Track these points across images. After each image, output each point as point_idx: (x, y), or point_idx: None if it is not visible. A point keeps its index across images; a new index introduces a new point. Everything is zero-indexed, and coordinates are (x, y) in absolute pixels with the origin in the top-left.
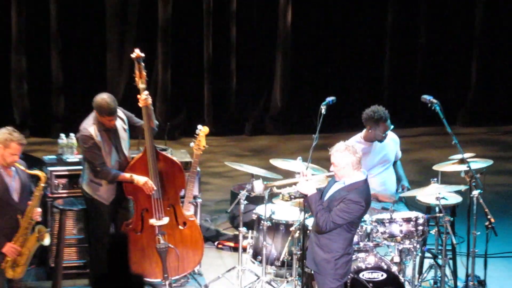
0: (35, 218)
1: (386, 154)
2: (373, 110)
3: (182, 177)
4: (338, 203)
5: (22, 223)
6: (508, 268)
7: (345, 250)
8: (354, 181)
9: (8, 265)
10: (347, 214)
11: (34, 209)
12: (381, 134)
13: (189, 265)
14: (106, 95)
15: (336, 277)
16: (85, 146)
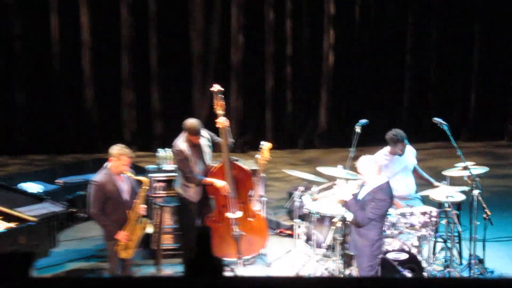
0: (140, 213)
1: (406, 164)
2: (393, 133)
3: (251, 181)
4: (369, 203)
5: (131, 217)
6: (502, 249)
7: (379, 236)
8: (379, 184)
9: (121, 248)
10: (378, 210)
11: (140, 206)
12: (399, 151)
13: (257, 248)
14: (193, 119)
15: (372, 257)
16: (178, 158)
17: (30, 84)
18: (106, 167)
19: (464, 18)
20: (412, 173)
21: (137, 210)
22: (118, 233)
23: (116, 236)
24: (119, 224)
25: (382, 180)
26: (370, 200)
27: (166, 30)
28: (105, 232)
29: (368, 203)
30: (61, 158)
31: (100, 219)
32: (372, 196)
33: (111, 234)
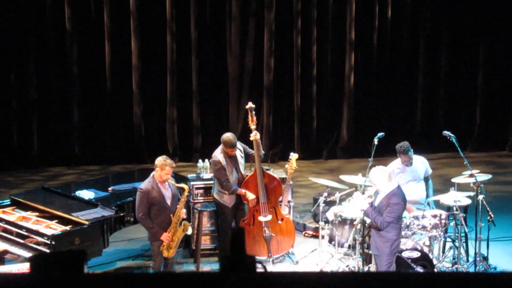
0: (182, 216)
1: (416, 173)
2: (398, 146)
3: (280, 188)
4: (385, 208)
5: (173, 220)
6: (504, 248)
7: (397, 236)
8: (391, 189)
9: (164, 248)
10: (394, 213)
11: (181, 210)
12: (405, 161)
13: (285, 247)
14: (230, 134)
15: (391, 255)
16: (215, 168)
17: (85, 102)
18: (151, 176)
19: (470, 42)
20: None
21: (179, 214)
22: (162, 235)
23: (160, 237)
24: (162, 227)
25: (393, 186)
26: (385, 205)
27: (206, 54)
28: (150, 234)
29: (384, 208)
30: (112, 168)
31: (146, 222)
32: (387, 202)
33: (156, 236)
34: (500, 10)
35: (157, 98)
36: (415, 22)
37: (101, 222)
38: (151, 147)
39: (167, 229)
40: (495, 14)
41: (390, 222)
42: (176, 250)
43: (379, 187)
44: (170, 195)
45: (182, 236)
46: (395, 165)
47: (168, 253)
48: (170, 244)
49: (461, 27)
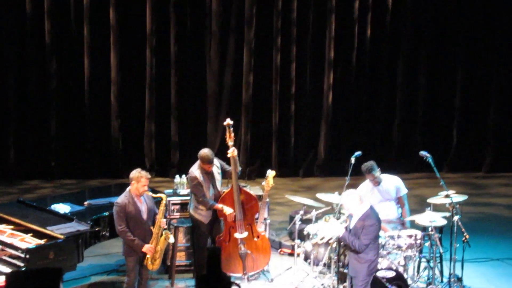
0: (162, 226)
1: (387, 193)
2: (363, 166)
3: (257, 205)
4: (361, 230)
5: (154, 231)
6: (478, 269)
7: (375, 257)
8: (364, 211)
9: (149, 261)
10: (370, 235)
11: (161, 220)
12: (371, 180)
13: (261, 265)
14: (207, 150)
15: (367, 275)
16: (192, 184)
17: (63, 116)
18: (127, 190)
19: (448, 62)
20: (398, 201)
21: (159, 224)
22: (143, 247)
23: (143, 250)
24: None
25: (365, 207)
26: (360, 228)
27: (185, 70)
28: (129, 248)
29: (360, 231)
30: (89, 183)
31: (127, 235)
32: (362, 224)
33: (137, 249)
34: (478, 32)
35: (135, 112)
36: (394, 41)
37: (76, 236)
38: (129, 161)
39: (145, 242)
40: (473, 35)
41: (368, 244)
42: (160, 261)
43: (351, 210)
44: (145, 209)
45: (165, 245)
46: (366, 185)
47: (153, 266)
48: (154, 255)
49: (440, 47)
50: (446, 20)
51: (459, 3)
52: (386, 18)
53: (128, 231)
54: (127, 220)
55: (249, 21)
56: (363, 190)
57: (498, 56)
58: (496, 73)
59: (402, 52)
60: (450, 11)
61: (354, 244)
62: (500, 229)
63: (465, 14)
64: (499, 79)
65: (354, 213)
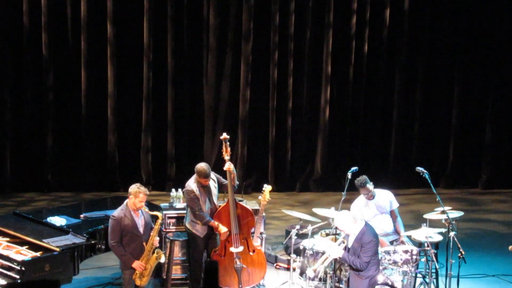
0: (155, 244)
1: (381, 206)
2: (356, 180)
3: (253, 219)
4: (360, 249)
5: (146, 248)
6: (473, 285)
7: (376, 272)
8: (359, 229)
9: (137, 276)
10: (370, 252)
11: (154, 238)
12: (365, 194)
13: (256, 279)
14: (204, 164)
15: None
16: (189, 197)
17: (59, 129)
18: (124, 204)
19: (446, 79)
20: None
21: (152, 242)
22: (134, 262)
23: (132, 265)
24: (134, 255)
25: (360, 225)
26: (358, 246)
27: (182, 84)
28: (122, 262)
29: (358, 250)
30: (85, 196)
31: (118, 250)
32: (359, 242)
33: (128, 264)
34: (475, 48)
35: (132, 126)
36: (391, 57)
37: (72, 249)
38: (125, 175)
39: (139, 257)
40: (470, 52)
41: (369, 261)
42: (148, 278)
43: (347, 231)
44: (142, 223)
45: (155, 264)
46: (360, 200)
47: (140, 282)
48: (143, 272)
49: (437, 64)
50: (444, 37)
51: (457, 19)
52: (383, 33)
53: (119, 245)
54: (122, 233)
55: (247, 36)
56: (358, 205)
57: (495, 73)
58: (493, 90)
59: (399, 68)
60: (448, 28)
61: (356, 264)
62: (496, 245)
63: (463, 30)
64: (495, 96)
65: (350, 233)
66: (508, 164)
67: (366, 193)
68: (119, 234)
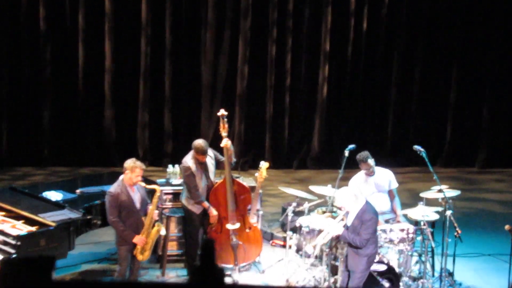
0: (154, 218)
1: (379, 185)
2: (358, 155)
3: (249, 196)
4: (360, 226)
5: (145, 222)
6: (469, 264)
7: (375, 250)
8: (360, 207)
9: (138, 251)
10: (370, 229)
11: (153, 211)
12: (366, 169)
13: (252, 256)
14: (201, 141)
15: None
16: (185, 174)
17: (56, 104)
18: (120, 179)
19: (444, 57)
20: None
21: (152, 216)
22: (135, 237)
23: (134, 240)
24: (132, 230)
25: (361, 203)
26: (359, 224)
27: (180, 60)
28: (120, 238)
29: (358, 227)
30: (81, 171)
31: (118, 226)
32: (360, 220)
33: (129, 239)
34: (474, 28)
35: (129, 101)
36: (390, 35)
37: (68, 224)
38: (121, 150)
39: (137, 233)
40: (469, 31)
41: (368, 238)
42: (150, 253)
43: (348, 208)
44: (138, 198)
45: (156, 237)
46: (359, 176)
47: (142, 256)
48: (144, 246)
49: (436, 43)
50: (443, 16)
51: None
52: (382, 11)
53: (119, 221)
54: (119, 209)
55: (245, 12)
56: (356, 181)
57: (494, 53)
58: (491, 70)
59: (398, 47)
60: (447, 6)
61: (355, 241)
62: (493, 224)
63: (462, 9)
64: (493, 76)
65: (350, 210)
66: (505, 143)
67: (367, 169)
68: (118, 210)
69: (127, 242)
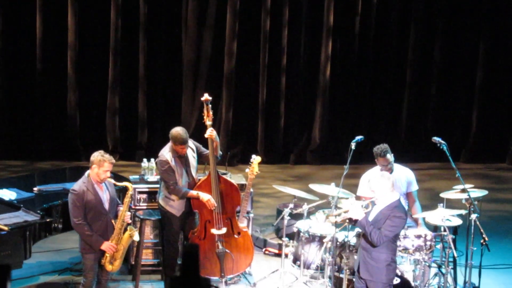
0: (126, 221)
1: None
2: (375, 148)
3: (238, 196)
4: (385, 220)
5: (116, 225)
6: (498, 277)
7: (392, 259)
8: (392, 200)
9: (107, 261)
10: (395, 228)
11: (125, 213)
12: (383, 166)
13: (242, 266)
14: (180, 128)
15: (387, 282)
16: (162, 169)
17: (9, 86)
18: (86, 175)
19: (470, 35)
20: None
21: (123, 218)
22: (103, 244)
23: (102, 247)
24: (100, 235)
25: (395, 197)
26: (385, 217)
27: (156, 34)
28: (86, 244)
29: (383, 221)
30: (39, 165)
31: (83, 230)
32: (387, 214)
33: (95, 246)
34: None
35: (97, 83)
36: (405, 6)
37: (23, 228)
38: (87, 141)
39: (106, 238)
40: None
41: (389, 237)
42: (121, 262)
43: (380, 195)
44: (108, 198)
45: (129, 243)
46: (374, 171)
47: (112, 266)
48: (114, 255)
49: (459, 14)
50: None
51: None
52: None
53: (85, 224)
54: (85, 210)
55: None
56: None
57: None
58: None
59: (415, 20)
60: None
61: (372, 234)
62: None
63: None
64: None
65: (379, 201)
66: None
67: (384, 165)
68: (83, 211)
69: (93, 249)
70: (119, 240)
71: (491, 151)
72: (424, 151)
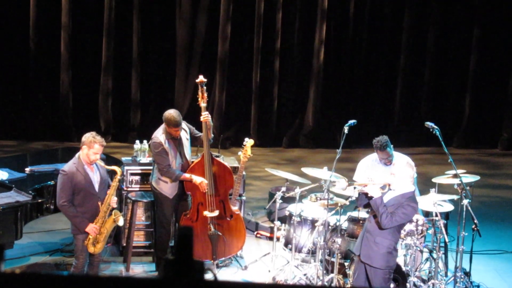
0: (112, 205)
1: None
2: (375, 140)
3: (231, 178)
4: (396, 207)
5: (101, 208)
6: (489, 262)
7: (394, 247)
8: (409, 190)
9: (90, 242)
10: (406, 216)
11: (111, 197)
12: (382, 159)
13: (233, 249)
14: (173, 111)
15: (387, 269)
16: (156, 151)
17: (2, 66)
18: (76, 156)
19: (464, 21)
20: None
21: (109, 202)
22: (87, 226)
23: (85, 229)
24: (88, 217)
25: (412, 188)
26: (399, 204)
27: (150, 15)
28: (73, 225)
29: (395, 206)
30: (31, 145)
31: (68, 211)
32: (401, 202)
33: (80, 227)
34: None
35: (89, 64)
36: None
37: (15, 208)
38: (80, 122)
39: (93, 220)
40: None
41: (398, 223)
42: (104, 245)
43: (400, 182)
44: (98, 179)
45: (112, 228)
46: (369, 159)
47: (94, 248)
48: (97, 237)
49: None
50: None
51: None
52: None
53: (71, 205)
54: (75, 192)
55: None
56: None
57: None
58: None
59: (409, 5)
60: None
61: (383, 215)
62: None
63: None
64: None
65: (397, 188)
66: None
67: (385, 157)
68: (71, 192)
69: (79, 230)
70: (103, 223)
71: (483, 137)
72: (416, 135)
